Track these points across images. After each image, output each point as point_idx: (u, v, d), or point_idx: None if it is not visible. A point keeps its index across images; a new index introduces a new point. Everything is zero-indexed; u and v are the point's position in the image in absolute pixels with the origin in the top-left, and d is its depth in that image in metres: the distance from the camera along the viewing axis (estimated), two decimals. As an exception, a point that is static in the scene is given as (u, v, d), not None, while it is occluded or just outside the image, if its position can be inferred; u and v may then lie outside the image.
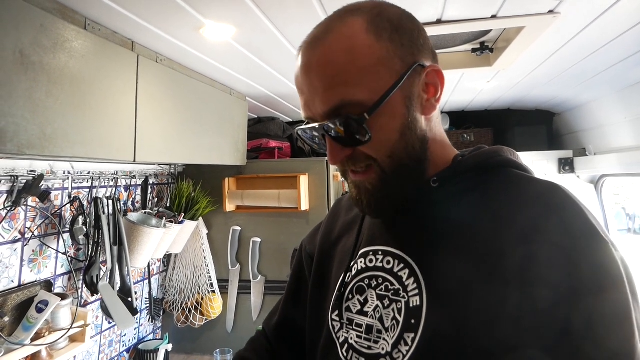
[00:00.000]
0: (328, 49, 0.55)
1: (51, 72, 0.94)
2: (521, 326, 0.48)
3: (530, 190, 0.55)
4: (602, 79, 1.62)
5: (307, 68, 0.56)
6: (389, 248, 0.64)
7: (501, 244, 0.52)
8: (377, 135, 0.55)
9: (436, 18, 1.08)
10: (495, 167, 0.61)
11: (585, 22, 1.09)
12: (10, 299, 1.28)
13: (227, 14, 1.05)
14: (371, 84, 0.54)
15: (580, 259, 0.48)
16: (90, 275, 1.53)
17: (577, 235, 0.49)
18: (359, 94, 0.54)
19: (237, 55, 1.38)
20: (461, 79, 1.75)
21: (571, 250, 0.48)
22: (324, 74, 0.55)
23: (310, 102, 0.57)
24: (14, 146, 0.86)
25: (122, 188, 1.81)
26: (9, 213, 1.29)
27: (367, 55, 0.54)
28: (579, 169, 2.07)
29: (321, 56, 0.55)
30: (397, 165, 0.58)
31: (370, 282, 0.64)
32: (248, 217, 2.16)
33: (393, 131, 0.56)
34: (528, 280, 0.49)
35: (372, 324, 0.62)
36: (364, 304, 0.64)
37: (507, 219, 0.53)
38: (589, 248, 0.49)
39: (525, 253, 0.50)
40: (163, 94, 1.38)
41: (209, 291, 2.10)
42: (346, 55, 0.54)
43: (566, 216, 0.51)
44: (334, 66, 0.54)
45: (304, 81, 0.57)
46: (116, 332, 1.84)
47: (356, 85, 0.54)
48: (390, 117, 0.56)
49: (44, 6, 0.93)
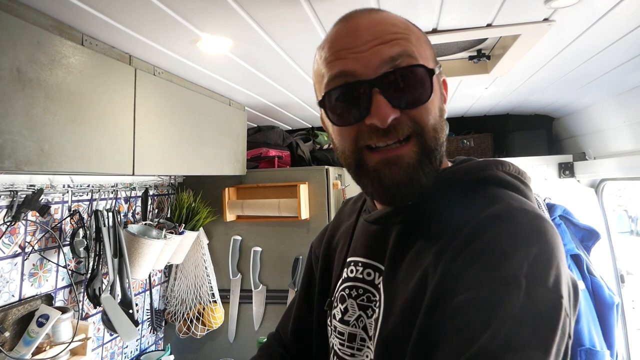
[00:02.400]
0: (387, 15, 0.58)
1: (48, 89, 0.94)
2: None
3: (487, 212, 0.52)
4: (600, 84, 1.62)
5: (365, 24, 0.56)
6: (368, 260, 0.66)
7: (433, 264, 0.53)
8: (428, 106, 0.55)
9: (432, 27, 1.09)
10: (474, 184, 0.59)
11: (580, 29, 1.09)
12: (10, 313, 1.28)
13: (223, 27, 1.06)
14: (425, 52, 0.57)
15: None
16: (93, 287, 1.53)
17: (500, 274, 0.46)
18: (417, 51, 0.55)
19: (234, 67, 1.39)
20: (459, 85, 1.75)
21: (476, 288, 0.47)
22: (386, 29, 0.55)
23: (362, 55, 0.54)
24: (12, 163, 0.86)
25: (122, 200, 1.81)
26: (9, 228, 1.29)
27: (421, 35, 0.59)
28: (579, 174, 2.06)
29: (382, 18, 0.57)
30: (434, 143, 0.56)
31: (350, 292, 0.66)
32: (248, 226, 2.16)
33: (436, 107, 0.57)
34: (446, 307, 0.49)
35: (355, 333, 0.64)
36: (345, 313, 0.66)
37: (450, 239, 0.53)
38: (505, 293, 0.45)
39: (444, 277, 0.50)
40: (161, 106, 1.38)
41: (210, 301, 2.09)
42: (405, 25, 0.57)
43: (497, 243, 0.49)
44: (396, 27, 0.56)
45: (358, 34, 0.55)
46: (118, 344, 1.83)
47: (415, 45, 0.56)
48: (435, 94, 0.56)
49: (40, 23, 0.94)
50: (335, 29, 0.59)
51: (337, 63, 0.55)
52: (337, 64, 0.55)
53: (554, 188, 2.09)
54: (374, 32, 0.54)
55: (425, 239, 0.57)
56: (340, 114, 0.56)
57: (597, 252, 2.00)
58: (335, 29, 0.59)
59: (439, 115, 0.57)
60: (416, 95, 0.54)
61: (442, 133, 0.58)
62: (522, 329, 0.43)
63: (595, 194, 2.09)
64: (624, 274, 2.10)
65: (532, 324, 0.44)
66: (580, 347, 1.80)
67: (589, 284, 1.89)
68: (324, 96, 0.57)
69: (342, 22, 0.58)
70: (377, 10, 0.59)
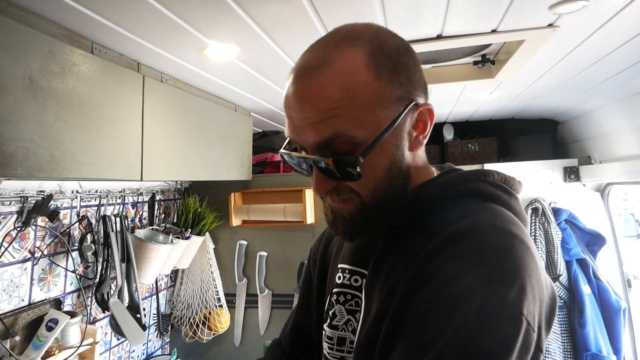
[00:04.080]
0: (325, 82, 0.53)
1: (59, 96, 0.96)
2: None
3: (449, 229, 0.53)
4: (604, 88, 1.62)
5: (301, 98, 0.54)
6: (355, 267, 0.68)
7: (400, 279, 0.55)
8: (365, 173, 0.55)
9: (436, 34, 1.10)
10: (452, 197, 0.59)
11: (585, 34, 1.09)
12: (20, 317, 1.30)
13: (230, 35, 1.07)
14: (367, 123, 0.53)
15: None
16: (101, 292, 1.54)
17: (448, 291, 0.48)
18: (353, 130, 0.53)
19: (241, 73, 1.40)
20: (464, 90, 1.76)
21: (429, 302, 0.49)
22: (319, 107, 0.53)
23: (300, 129, 0.55)
24: (24, 170, 0.88)
25: (130, 205, 1.83)
26: (19, 233, 1.30)
27: (366, 94, 0.53)
28: (585, 178, 2.05)
29: (317, 89, 0.53)
30: (378, 200, 0.58)
31: (338, 298, 0.69)
32: (254, 231, 2.17)
33: (380, 169, 0.56)
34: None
35: (344, 336, 0.67)
36: (333, 318, 0.69)
37: (415, 255, 0.55)
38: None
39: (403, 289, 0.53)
40: (168, 112, 1.40)
41: (216, 306, 2.10)
42: (344, 92, 0.52)
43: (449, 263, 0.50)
44: (331, 101, 0.52)
45: (295, 109, 0.55)
46: (125, 349, 1.84)
47: (351, 122, 0.53)
48: (380, 156, 0.56)
49: (51, 32, 0.96)
50: (288, 83, 0.57)
51: (288, 126, 0.58)
52: (288, 127, 0.58)
53: (559, 192, 2.08)
54: (308, 109, 0.53)
55: (402, 250, 0.59)
56: (302, 169, 0.61)
57: (604, 256, 1.99)
58: (288, 85, 0.57)
59: (384, 174, 0.57)
60: (348, 176, 0.55)
61: (394, 183, 0.58)
62: (478, 338, 0.45)
63: (601, 198, 2.08)
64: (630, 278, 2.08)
65: (485, 334, 0.45)
66: (587, 352, 1.79)
67: (595, 289, 1.88)
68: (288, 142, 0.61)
69: (291, 78, 0.56)
70: (318, 72, 0.53)
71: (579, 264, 1.91)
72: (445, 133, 2.58)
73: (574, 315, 1.86)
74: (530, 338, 0.47)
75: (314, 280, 0.82)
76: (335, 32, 0.58)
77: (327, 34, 0.59)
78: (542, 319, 0.50)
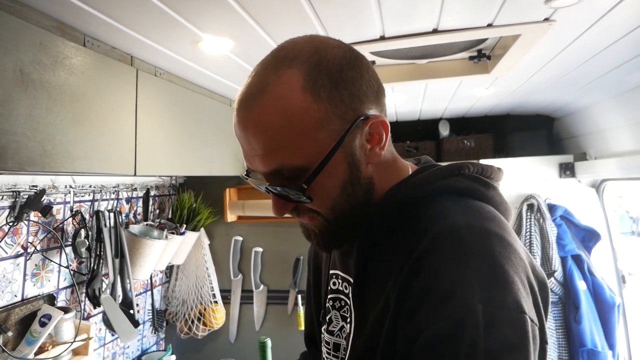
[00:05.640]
0: (263, 111, 0.52)
1: (51, 89, 0.95)
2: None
3: (430, 234, 0.52)
4: (600, 84, 1.63)
5: (244, 128, 0.54)
6: (343, 274, 0.68)
7: (386, 282, 0.55)
8: (318, 195, 0.55)
9: (432, 28, 1.09)
10: (425, 197, 0.58)
11: (581, 29, 1.09)
12: (13, 313, 1.29)
13: (224, 28, 1.06)
14: (309, 149, 0.53)
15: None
16: (93, 288, 1.53)
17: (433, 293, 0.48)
18: (297, 160, 0.53)
19: (235, 68, 1.39)
20: (460, 86, 1.76)
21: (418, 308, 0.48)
22: (260, 137, 0.52)
23: (250, 158, 0.56)
24: (15, 163, 0.87)
25: (124, 200, 1.81)
26: (12, 228, 1.29)
27: (304, 118, 0.52)
28: (580, 174, 2.06)
29: (257, 118, 0.52)
30: (338, 216, 0.58)
31: (334, 304, 0.69)
32: (249, 227, 2.16)
33: (333, 188, 0.56)
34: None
35: (339, 343, 0.67)
36: (330, 324, 0.69)
37: (396, 258, 0.54)
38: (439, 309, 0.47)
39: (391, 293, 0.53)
40: (162, 107, 1.39)
41: (211, 302, 2.10)
42: (282, 119, 0.51)
43: (433, 268, 0.50)
44: (270, 131, 0.52)
45: (242, 139, 0.55)
46: (119, 344, 1.83)
47: (294, 151, 0.52)
48: (331, 176, 0.55)
49: (43, 24, 0.94)
50: (234, 112, 0.57)
51: (243, 155, 0.58)
52: (243, 156, 0.58)
53: (554, 188, 2.09)
54: (252, 140, 0.53)
55: (383, 256, 0.58)
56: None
57: (599, 252, 2.00)
58: (234, 114, 0.56)
59: (339, 192, 0.56)
60: (300, 200, 0.56)
61: (353, 199, 0.57)
62: (495, 351, 0.44)
63: (596, 194, 2.08)
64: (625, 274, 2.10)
65: (503, 352, 0.44)
66: (582, 348, 1.80)
67: (590, 285, 1.89)
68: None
69: (236, 108, 0.56)
70: (258, 100, 0.52)
71: (574, 260, 1.92)
72: (441, 129, 2.58)
73: (569, 311, 1.87)
74: (535, 333, 0.47)
75: (310, 281, 0.83)
76: (276, 52, 0.57)
77: (270, 53, 0.58)
78: (540, 306, 0.50)
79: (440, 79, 1.53)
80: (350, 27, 1.06)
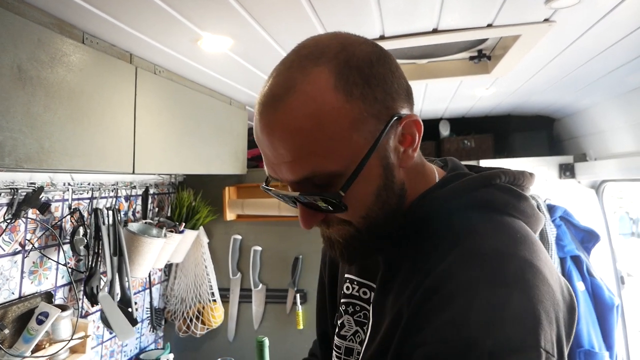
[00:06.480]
0: (291, 114, 0.48)
1: (49, 87, 0.95)
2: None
3: (452, 249, 0.50)
4: (601, 85, 1.62)
5: (269, 133, 0.49)
6: (362, 280, 0.66)
7: (405, 304, 0.52)
8: (352, 203, 0.51)
9: (432, 27, 1.09)
10: (453, 212, 0.55)
11: (581, 29, 1.09)
12: (10, 310, 1.28)
13: (223, 26, 1.06)
14: (344, 153, 0.49)
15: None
16: (90, 286, 1.53)
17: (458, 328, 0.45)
18: (330, 165, 0.49)
19: (235, 66, 1.39)
20: (460, 86, 1.75)
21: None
22: (289, 143, 0.48)
23: (275, 167, 0.51)
24: (12, 160, 0.86)
25: (123, 198, 1.81)
26: (9, 225, 1.29)
27: (337, 120, 0.48)
28: (580, 175, 2.06)
29: (285, 122, 0.48)
30: (370, 224, 0.55)
31: (347, 309, 0.67)
32: (248, 225, 2.16)
33: (368, 194, 0.53)
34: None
35: (352, 347, 0.65)
36: (342, 328, 0.67)
37: (416, 272, 0.52)
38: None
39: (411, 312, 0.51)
40: (162, 105, 1.38)
41: (210, 300, 2.09)
42: (313, 121, 0.47)
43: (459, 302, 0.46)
44: (300, 135, 0.48)
45: (266, 145, 0.51)
46: (117, 343, 1.83)
47: (327, 156, 0.48)
48: (366, 183, 0.51)
49: (41, 21, 0.94)
50: (256, 116, 0.52)
51: (264, 161, 0.54)
52: (264, 162, 0.54)
53: (554, 189, 2.08)
54: (283, 143, 0.48)
55: (408, 269, 0.56)
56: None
57: (598, 253, 1.99)
58: (256, 118, 0.52)
59: (373, 199, 0.53)
60: (332, 210, 0.51)
61: (387, 205, 0.54)
62: None
63: (596, 195, 2.08)
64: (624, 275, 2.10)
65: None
66: (580, 349, 1.80)
67: (588, 286, 1.89)
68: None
69: (258, 111, 0.52)
70: (284, 102, 0.48)
71: (573, 261, 1.91)
72: (441, 129, 2.58)
73: (567, 312, 1.87)
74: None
75: (325, 280, 0.81)
76: (299, 50, 0.53)
77: (291, 52, 0.53)
78: (562, 336, 0.47)
79: (440, 78, 1.52)
80: (349, 26, 1.06)
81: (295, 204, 0.54)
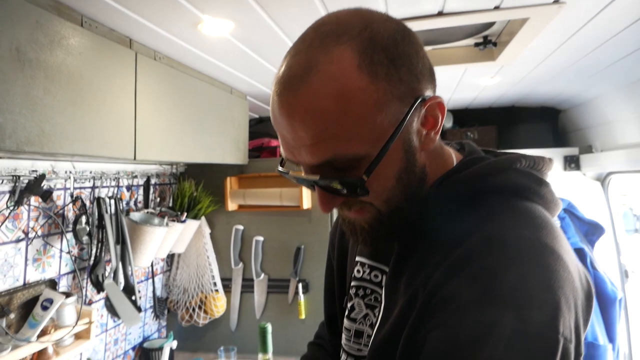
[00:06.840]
0: (313, 94, 0.46)
1: (48, 69, 0.94)
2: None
3: (470, 241, 0.49)
4: (609, 74, 1.60)
5: (288, 115, 0.48)
6: (374, 263, 0.66)
7: (420, 287, 0.52)
8: (374, 186, 0.50)
9: (437, 10, 1.07)
10: (472, 197, 0.55)
11: (591, 12, 1.06)
12: (15, 297, 1.29)
13: (224, 9, 1.04)
14: (367, 136, 0.48)
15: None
16: (96, 274, 1.54)
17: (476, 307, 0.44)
18: (353, 147, 0.47)
19: (236, 52, 1.38)
20: (464, 74, 1.73)
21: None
22: (310, 125, 0.47)
23: (294, 149, 0.50)
24: (13, 142, 0.86)
25: (124, 188, 1.81)
26: (12, 212, 1.29)
27: (362, 101, 0.46)
28: (585, 167, 2.04)
29: (306, 103, 0.46)
30: (393, 208, 0.54)
31: (357, 292, 0.67)
32: (250, 216, 2.15)
33: (390, 178, 0.52)
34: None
35: (362, 330, 0.65)
36: (352, 311, 0.67)
37: (438, 263, 0.51)
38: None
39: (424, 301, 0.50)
40: (162, 92, 1.37)
41: (212, 290, 2.10)
42: (336, 102, 0.46)
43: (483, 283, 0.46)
44: (323, 117, 0.46)
45: (285, 127, 0.49)
46: (121, 331, 1.84)
47: (349, 139, 0.47)
48: (388, 166, 0.50)
49: (39, 3, 0.93)
50: (273, 97, 0.50)
51: (281, 144, 0.53)
52: (281, 144, 0.53)
53: (558, 181, 2.06)
54: (299, 128, 0.47)
55: (424, 252, 0.55)
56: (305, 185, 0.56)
57: (602, 246, 1.98)
58: (274, 99, 0.50)
59: (395, 183, 0.52)
60: (354, 194, 0.50)
61: (408, 188, 0.53)
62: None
63: (602, 187, 2.06)
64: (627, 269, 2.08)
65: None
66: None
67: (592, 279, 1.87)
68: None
69: (276, 91, 0.49)
70: (304, 82, 0.46)
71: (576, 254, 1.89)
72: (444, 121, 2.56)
73: (571, 304, 1.86)
74: (568, 353, 0.44)
75: (333, 265, 0.80)
76: (318, 27, 0.50)
77: (309, 29, 0.51)
78: (580, 322, 0.47)
79: (444, 66, 1.50)
80: (353, 9, 1.04)
81: (313, 187, 0.53)
